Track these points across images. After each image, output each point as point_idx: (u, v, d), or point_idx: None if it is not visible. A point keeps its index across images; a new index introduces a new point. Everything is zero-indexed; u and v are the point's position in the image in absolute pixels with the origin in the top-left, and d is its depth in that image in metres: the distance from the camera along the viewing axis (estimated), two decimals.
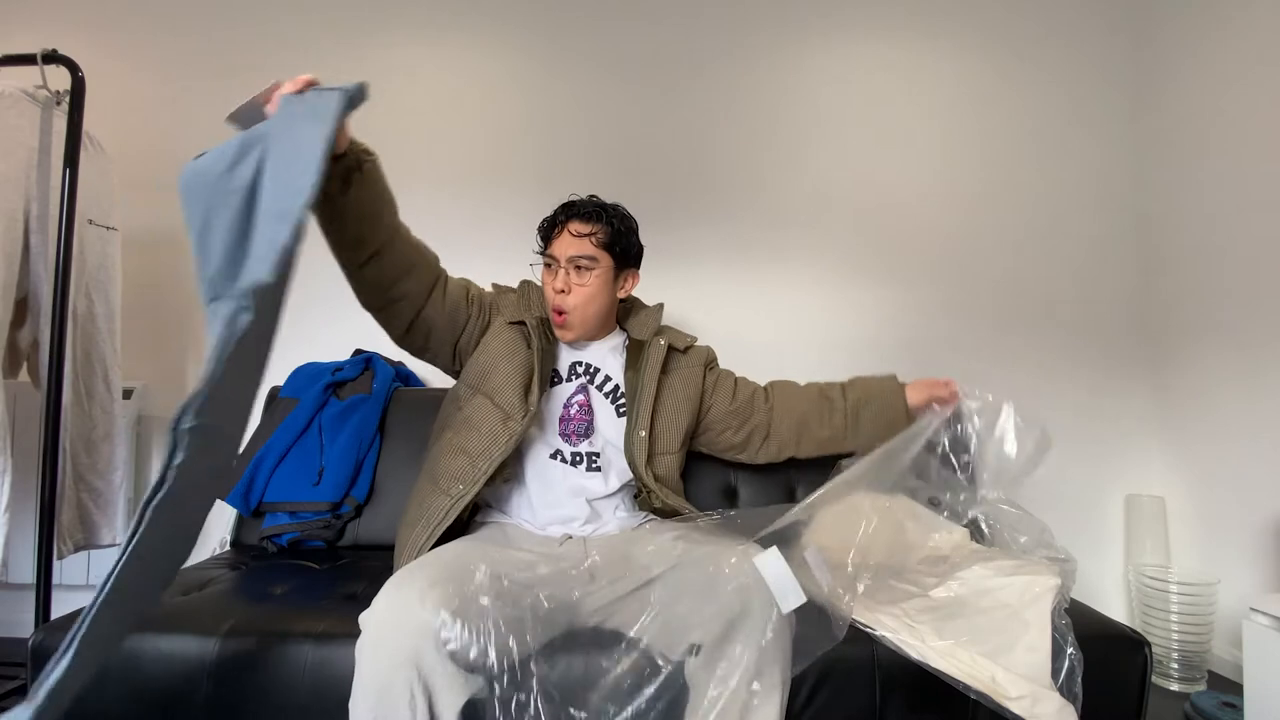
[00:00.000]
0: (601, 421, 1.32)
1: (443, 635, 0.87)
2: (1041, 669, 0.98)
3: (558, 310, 1.29)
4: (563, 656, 1.02)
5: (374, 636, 0.88)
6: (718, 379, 1.43)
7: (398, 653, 0.86)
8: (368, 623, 0.90)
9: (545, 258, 1.32)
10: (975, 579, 1.12)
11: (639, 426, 1.29)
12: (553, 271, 1.29)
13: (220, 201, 0.89)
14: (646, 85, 2.15)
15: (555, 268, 1.29)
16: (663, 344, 1.35)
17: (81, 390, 1.64)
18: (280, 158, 0.89)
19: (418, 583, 0.92)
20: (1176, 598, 1.75)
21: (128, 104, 2.09)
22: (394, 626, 0.87)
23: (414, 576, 0.94)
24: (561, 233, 1.29)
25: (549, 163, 2.11)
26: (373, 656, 0.87)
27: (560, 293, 1.27)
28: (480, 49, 2.17)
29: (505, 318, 1.33)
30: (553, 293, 1.28)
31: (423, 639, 0.86)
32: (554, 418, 1.30)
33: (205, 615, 1.10)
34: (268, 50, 2.14)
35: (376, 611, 0.90)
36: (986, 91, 2.16)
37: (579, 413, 1.31)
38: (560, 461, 1.27)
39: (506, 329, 1.31)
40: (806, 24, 2.17)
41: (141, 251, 2.01)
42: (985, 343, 2.09)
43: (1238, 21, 1.82)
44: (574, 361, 1.35)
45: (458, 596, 0.90)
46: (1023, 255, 2.11)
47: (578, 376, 1.34)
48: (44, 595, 1.48)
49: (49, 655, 1.04)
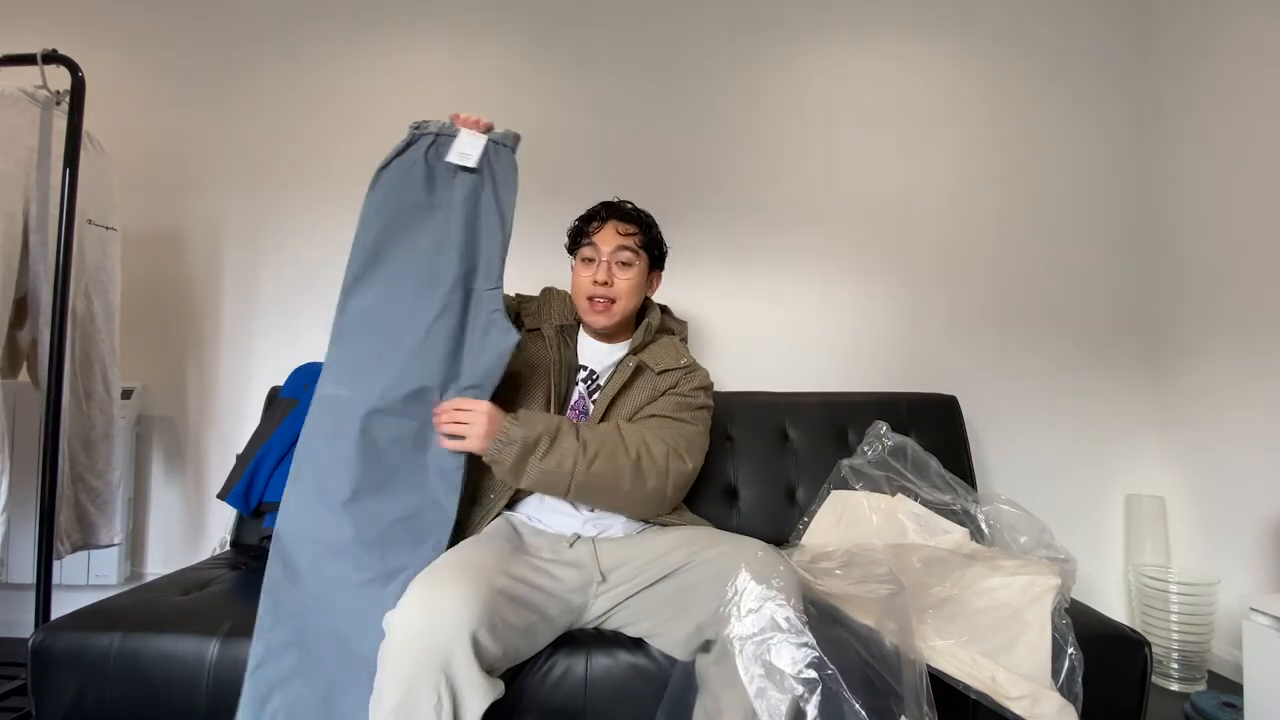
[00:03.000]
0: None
1: (476, 639, 0.87)
2: (1042, 669, 0.98)
3: (603, 299, 1.32)
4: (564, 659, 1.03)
5: (403, 638, 0.87)
6: (671, 401, 1.30)
7: (428, 656, 0.85)
8: (396, 624, 0.89)
9: (584, 249, 1.34)
10: (975, 578, 1.12)
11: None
12: (592, 265, 1.33)
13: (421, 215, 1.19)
14: (648, 86, 2.15)
15: (597, 261, 1.32)
16: (631, 364, 1.33)
17: (80, 390, 1.63)
18: (489, 211, 1.19)
19: (448, 586, 0.92)
20: (1176, 598, 1.75)
21: (128, 104, 2.09)
22: (425, 630, 0.87)
23: (442, 578, 0.94)
24: (603, 228, 1.34)
25: (551, 162, 2.11)
26: (401, 659, 0.86)
27: (602, 284, 1.31)
28: (481, 50, 2.17)
29: (526, 325, 1.38)
30: (592, 284, 1.31)
31: (455, 643, 0.86)
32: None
33: (205, 615, 1.10)
34: (268, 51, 2.14)
35: (406, 614, 0.89)
36: (988, 93, 2.15)
37: (577, 417, 1.33)
38: None
39: (527, 338, 1.35)
40: (809, 25, 2.17)
41: (141, 251, 2.01)
42: (986, 343, 2.09)
43: (1241, 24, 1.82)
44: (583, 366, 1.38)
45: (486, 602, 0.91)
46: (1024, 256, 2.11)
47: (583, 383, 1.37)
48: (44, 595, 1.48)
49: (49, 655, 1.04)
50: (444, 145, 1.19)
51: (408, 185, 1.19)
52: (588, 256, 1.34)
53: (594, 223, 1.36)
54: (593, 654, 1.05)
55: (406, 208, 1.18)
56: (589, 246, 1.34)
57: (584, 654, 1.05)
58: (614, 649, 1.06)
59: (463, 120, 1.21)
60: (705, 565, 1.05)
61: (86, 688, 1.02)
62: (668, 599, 1.07)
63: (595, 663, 1.04)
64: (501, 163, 1.21)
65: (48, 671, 1.03)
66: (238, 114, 2.12)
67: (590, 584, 1.12)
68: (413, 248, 1.17)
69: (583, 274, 1.34)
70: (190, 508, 2.07)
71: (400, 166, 1.19)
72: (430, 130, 1.20)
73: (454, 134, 1.20)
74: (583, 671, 1.03)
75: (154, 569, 2.03)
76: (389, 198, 1.18)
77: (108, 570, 1.93)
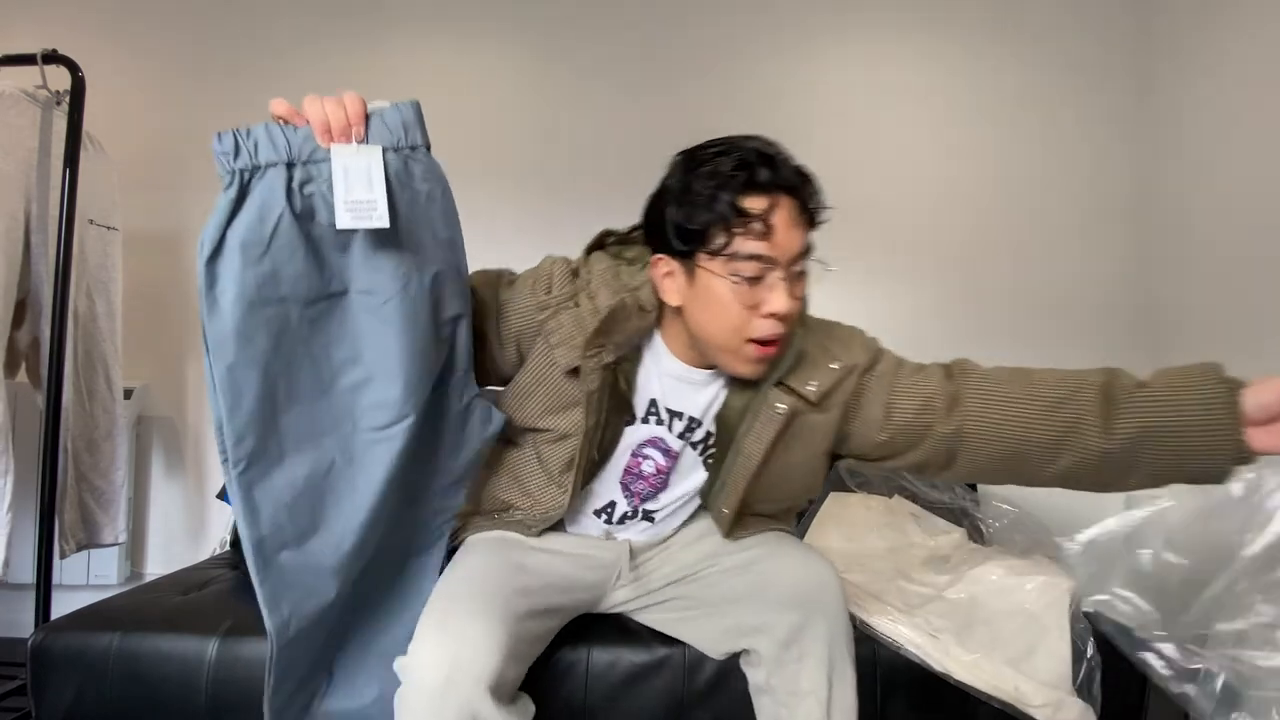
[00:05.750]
0: (679, 476, 1.01)
1: (501, 679, 0.77)
2: (1062, 675, 0.98)
3: (778, 339, 0.84)
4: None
5: (422, 693, 0.75)
6: (862, 404, 0.94)
7: (451, 712, 0.74)
8: (411, 673, 0.76)
9: (741, 258, 0.79)
10: (989, 578, 1.11)
11: (722, 504, 0.97)
12: (758, 285, 0.80)
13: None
14: (650, 84, 2.14)
15: (773, 274, 0.80)
16: (782, 409, 0.89)
17: (83, 390, 1.64)
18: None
19: (466, 628, 0.79)
20: None
21: (128, 104, 2.09)
22: (445, 683, 0.74)
23: (456, 615, 0.81)
24: (781, 213, 0.80)
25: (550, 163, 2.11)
26: (420, 712, 0.75)
27: (784, 317, 0.82)
28: (480, 47, 2.17)
29: (555, 350, 1.03)
30: (771, 321, 0.82)
31: (478, 694, 0.74)
32: (617, 464, 0.99)
33: (205, 615, 1.10)
34: (268, 50, 2.14)
35: (423, 661, 0.76)
36: (987, 89, 2.15)
37: (653, 473, 0.99)
38: (602, 519, 1.03)
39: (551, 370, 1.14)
40: (809, 23, 2.17)
41: (141, 251, 2.01)
42: (984, 340, 2.09)
43: (1240, 17, 1.82)
44: (672, 411, 0.96)
45: (509, 636, 0.80)
46: (1023, 254, 2.11)
47: (677, 436, 0.97)
48: (44, 595, 1.48)
49: (49, 655, 1.04)
50: (307, 184, 0.72)
51: (281, 279, 0.71)
52: (752, 274, 0.79)
53: (762, 197, 0.79)
54: (593, 650, 1.04)
55: (294, 320, 0.73)
56: (758, 242, 0.78)
57: (585, 650, 1.04)
58: (615, 645, 1.05)
59: (313, 121, 0.72)
60: (751, 569, 0.95)
61: (86, 688, 1.02)
62: (706, 597, 0.98)
63: (596, 658, 1.04)
64: (419, 178, 0.76)
65: (47, 671, 1.03)
66: (238, 114, 2.11)
67: (615, 571, 1.01)
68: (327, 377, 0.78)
69: (743, 298, 0.80)
70: (190, 508, 2.07)
71: (246, 249, 0.69)
72: (263, 159, 0.70)
73: (319, 160, 0.71)
74: (584, 668, 1.03)
75: (154, 569, 2.03)
76: (253, 315, 0.71)
77: (108, 570, 1.93)
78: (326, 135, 0.72)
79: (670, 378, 0.94)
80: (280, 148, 0.71)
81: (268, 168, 0.71)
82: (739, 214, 0.78)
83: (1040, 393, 0.88)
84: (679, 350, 0.93)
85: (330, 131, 0.72)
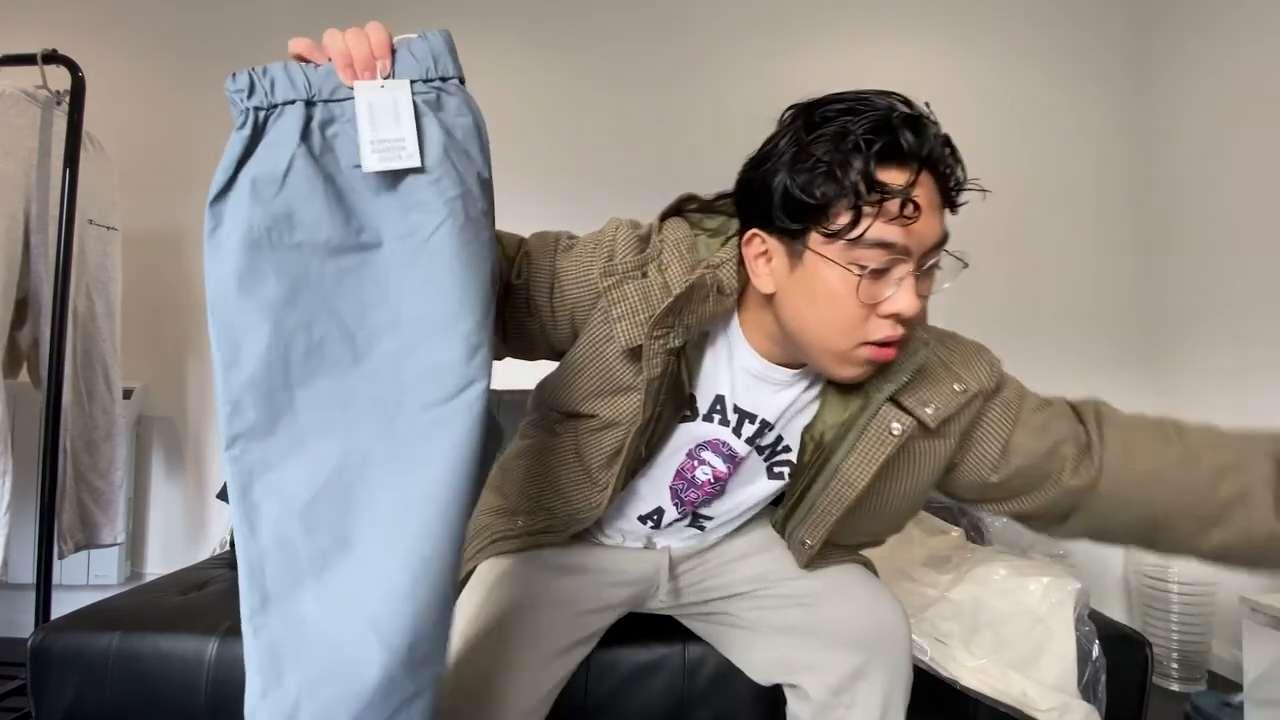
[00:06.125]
0: (738, 483, 0.87)
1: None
2: (1068, 677, 0.98)
3: (898, 343, 0.70)
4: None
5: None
6: (977, 437, 0.80)
7: None
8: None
9: (871, 246, 0.64)
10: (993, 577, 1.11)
11: (804, 535, 0.84)
12: (884, 278, 0.66)
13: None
14: (650, 84, 2.15)
15: (902, 268, 0.66)
16: (898, 431, 0.75)
17: (83, 390, 1.63)
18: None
19: (489, 682, 0.74)
20: (1176, 598, 1.75)
21: (128, 104, 2.09)
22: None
23: (478, 669, 0.75)
24: (918, 190, 0.64)
25: (550, 163, 2.11)
26: None
27: (908, 320, 0.68)
28: (483, 45, 2.17)
29: (616, 323, 0.85)
30: (891, 323, 0.67)
31: None
32: (667, 466, 0.86)
33: (205, 615, 1.10)
34: (268, 51, 2.13)
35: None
36: (984, 87, 2.15)
37: (708, 480, 0.85)
38: (648, 525, 0.91)
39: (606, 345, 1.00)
40: (810, 23, 2.17)
41: (141, 251, 2.01)
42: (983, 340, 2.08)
43: (1240, 18, 1.82)
44: (744, 413, 0.82)
45: (534, 684, 0.77)
46: (1021, 253, 2.11)
47: (724, 421, 0.82)
48: (44, 595, 1.48)
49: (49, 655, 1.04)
50: (329, 124, 0.63)
51: (296, 222, 0.60)
52: (878, 265, 0.65)
53: (903, 170, 0.64)
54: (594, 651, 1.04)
55: (315, 271, 0.60)
56: (892, 226, 0.63)
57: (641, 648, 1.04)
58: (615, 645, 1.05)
59: (334, 55, 0.65)
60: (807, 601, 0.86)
61: (86, 688, 1.02)
62: (752, 621, 0.90)
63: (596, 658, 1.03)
64: (454, 111, 0.66)
65: (47, 671, 1.03)
66: None
67: (652, 585, 0.93)
68: (362, 345, 0.61)
69: (862, 293, 0.65)
70: (190, 508, 2.07)
71: (257, 186, 0.61)
72: (280, 97, 0.64)
73: (342, 98, 0.63)
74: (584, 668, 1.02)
75: (154, 569, 2.03)
76: (259, 256, 0.59)
77: (108, 570, 1.93)
78: (349, 70, 0.64)
79: (745, 373, 0.79)
80: (300, 85, 0.64)
81: (285, 105, 0.63)
82: (874, 188, 0.62)
83: (1198, 455, 0.74)
84: (759, 343, 0.78)
85: (353, 66, 0.65)
